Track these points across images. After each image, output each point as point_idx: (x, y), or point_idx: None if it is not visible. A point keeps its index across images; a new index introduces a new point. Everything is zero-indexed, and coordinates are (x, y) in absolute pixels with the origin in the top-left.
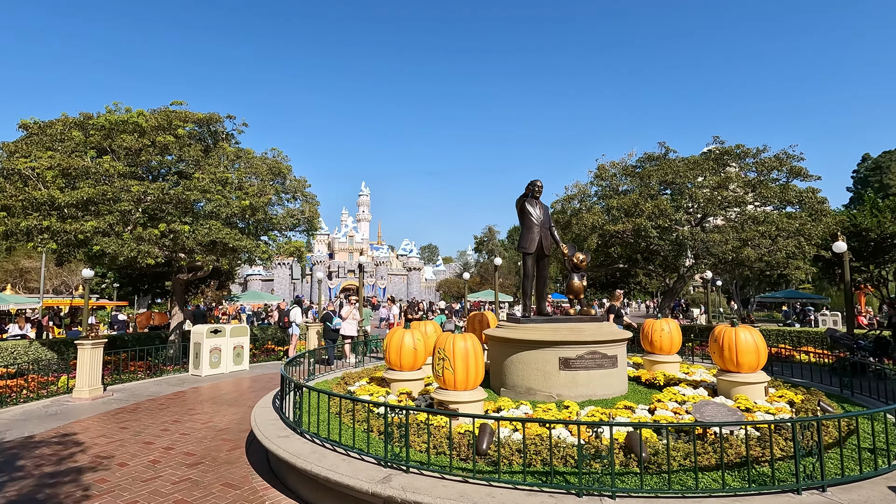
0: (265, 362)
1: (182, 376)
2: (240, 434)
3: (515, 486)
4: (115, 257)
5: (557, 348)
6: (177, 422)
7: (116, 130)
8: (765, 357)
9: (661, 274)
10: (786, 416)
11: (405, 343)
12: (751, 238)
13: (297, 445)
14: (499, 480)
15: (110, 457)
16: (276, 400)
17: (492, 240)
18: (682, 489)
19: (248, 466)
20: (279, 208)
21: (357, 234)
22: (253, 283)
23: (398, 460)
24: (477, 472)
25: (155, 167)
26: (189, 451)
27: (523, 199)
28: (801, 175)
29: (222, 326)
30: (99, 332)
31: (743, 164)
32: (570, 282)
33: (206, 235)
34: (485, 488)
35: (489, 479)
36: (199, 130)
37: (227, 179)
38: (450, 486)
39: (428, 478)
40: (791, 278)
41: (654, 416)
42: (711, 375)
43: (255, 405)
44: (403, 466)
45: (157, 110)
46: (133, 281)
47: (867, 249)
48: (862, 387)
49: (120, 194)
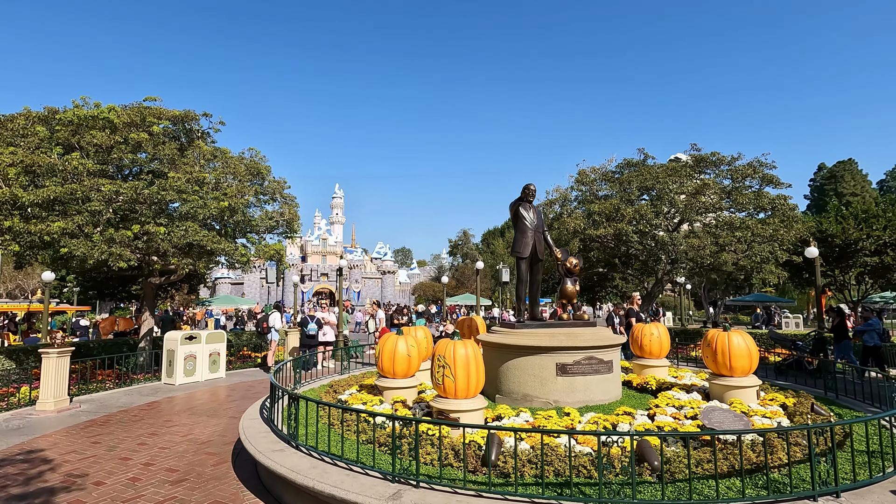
0: (242, 369)
1: (155, 385)
2: (224, 447)
3: (532, 499)
4: (84, 260)
5: (554, 353)
6: (154, 435)
7: (85, 126)
8: (756, 361)
9: (638, 278)
10: (781, 419)
11: (399, 350)
12: (728, 243)
13: (295, 460)
14: (515, 494)
15: (84, 475)
16: (263, 410)
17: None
18: (702, 499)
19: (238, 482)
20: (257, 210)
21: (330, 236)
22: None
23: (407, 474)
24: (493, 485)
25: (127, 165)
26: (171, 467)
27: (518, 204)
28: (773, 182)
29: (197, 332)
30: (62, 338)
31: (718, 172)
32: (563, 286)
33: (183, 237)
34: (502, 502)
35: (504, 492)
36: (174, 128)
37: (204, 179)
38: (464, 500)
39: (440, 492)
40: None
41: (655, 422)
42: (700, 379)
43: (237, 415)
44: (413, 481)
45: (130, 106)
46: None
47: (832, 255)
48: (847, 389)
49: (90, 193)
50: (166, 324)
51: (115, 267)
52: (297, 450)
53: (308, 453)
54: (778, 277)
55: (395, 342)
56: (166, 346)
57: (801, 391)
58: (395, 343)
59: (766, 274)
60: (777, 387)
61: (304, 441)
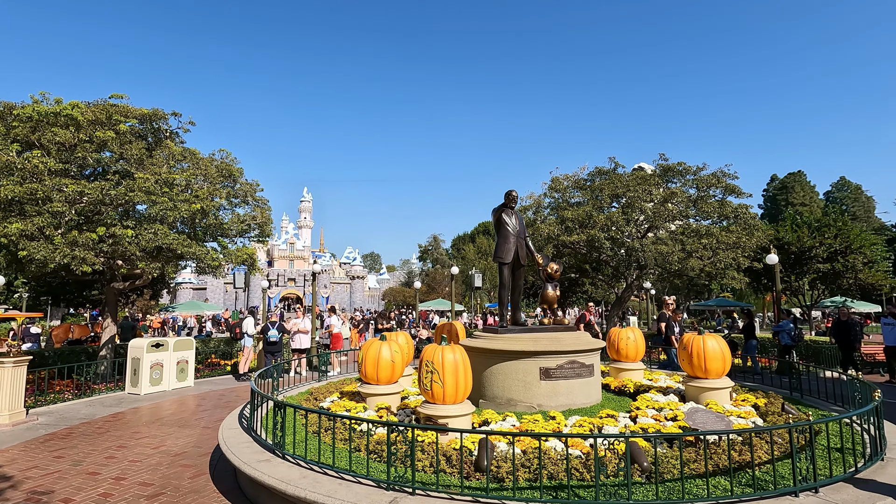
0: (211, 377)
1: (118, 395)
2: (201, 458)
3: (529, 503)
4: (44, 263)
5: (538, 358)
6: (122, 447)
7: (46, 123)
8: (730, 363)
9: (609, 283)
10: (754, 419)
11: (382, 356)
12: (695, 250)
13: (283, 470)
14: (513, 499)
15: (49, 492)
16: (242, 419)
17: (437, 249)
18: (692, 497)
19: (219, 495)
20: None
21: (298, 241)
22: (183, 291)
23: (402, 482)
24: (490, 490)
25: (91, 165)
26: (145, 481)
27: (501, 210)
28: (735, 192)
29: (164, 340)
30: (18, 347)
31: (685, 181)
32: (543, 292)
33: (152, 241)
34: None
35: (501, 496)
36: (142, 127)
37: (174, 181)
38: None
39: (436, 499)
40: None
41: (638, 424)
42: (675, 381)
43: (210, 425)
44: (409, 488)
45: (95, 103)
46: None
47: (788, 262)
48: (811, 390)
49: (51, 194)
50: (126, 331)
51: (79, 271)
52: (284, 459)
53: (296, 462)
54: (740, 283)
55: (378, 348)
56: (131, 354)
57: (770, 392)
58: (378, 349)
59: (729, 280)
60: (747, 388)
61: (291, 450)
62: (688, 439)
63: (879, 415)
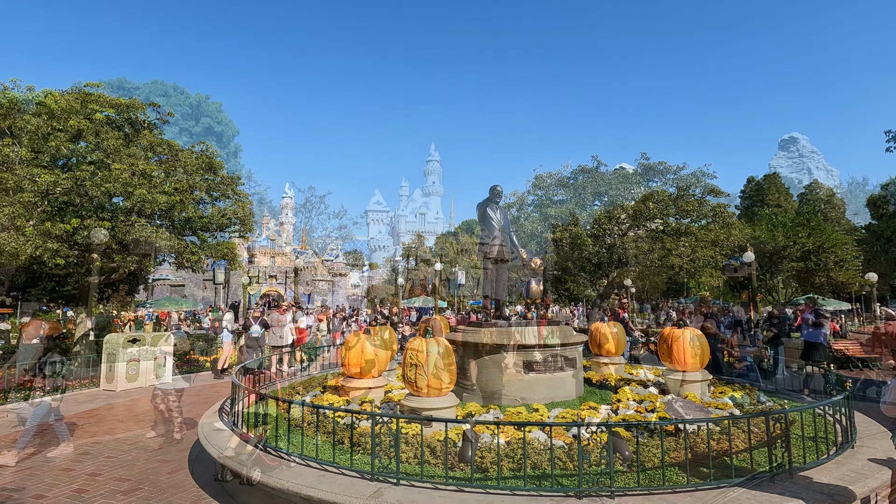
0: (190, 374)
1: (93, 392)
2: (180, 454)
3: (513, 492)
4: (15, 256)
5: (521, 352)
6: (97, 444)
7: (17, 111)
8: (708, 357)
9: (590, 280)
10: (732, 410)
11: (366, 350)
12: (675, 248)
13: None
14: (497, 487)
15: (20, 489)
16: (223, 413)
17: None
18: (673, 484)
19: (198, 489)
20: (209, 206)
21: (280, 237)
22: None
23: (386, 473)
24: (474, 480)
25: (65, 154)
26: (121, 477)
27: (485, 204)
28: (714, 192)
29: (141, 335)
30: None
31: (665, 180)
32: (528, 286)
33: (129, 234)
34: (484, 496)
35: (485, 486)
36: (118, 117)
37: (152, 172)
38: (447, 496)
39: (421, 489)
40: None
41: (620, 416)
42: (654, 375)
43: (190, 421)
44: (393, 479)
45: (69, 91)
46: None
47: (763, 260)
48: (784, 381)
49: (22, 183)
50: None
51: (52, 264)
52: (266, 452)
53: (278, 455)
54: (717, 280)
55: (361, 342)
56: (106, 350)
57: (746, 384)
58: (361, 343)
59: (707, 277)
60: (724, 381)
61: (273, 443)
62: (668, 429)
63: (850, 405)
